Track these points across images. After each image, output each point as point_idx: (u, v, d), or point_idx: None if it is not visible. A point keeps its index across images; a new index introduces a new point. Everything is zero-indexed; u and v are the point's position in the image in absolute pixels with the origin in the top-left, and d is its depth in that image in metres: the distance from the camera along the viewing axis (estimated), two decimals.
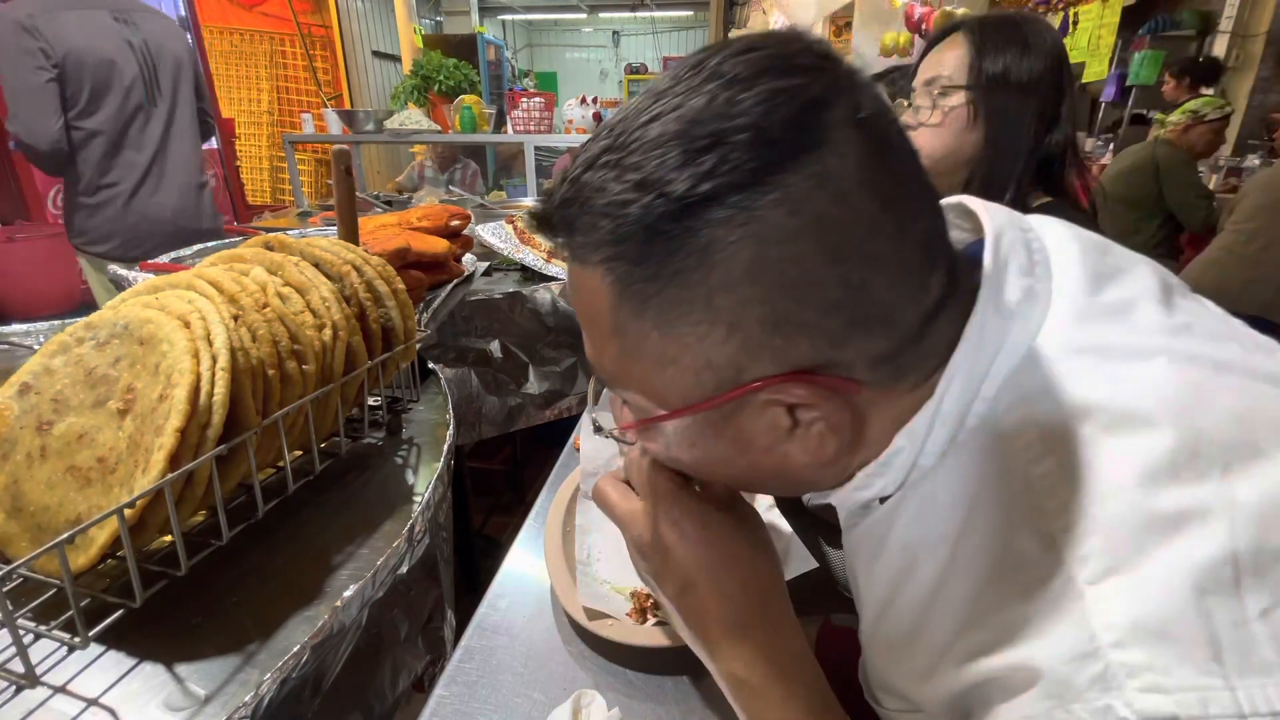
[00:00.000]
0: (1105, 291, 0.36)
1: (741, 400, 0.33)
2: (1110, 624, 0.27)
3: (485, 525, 2.11)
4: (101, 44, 1.72)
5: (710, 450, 0.38)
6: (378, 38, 5.69)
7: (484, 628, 0.59)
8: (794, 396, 0.33)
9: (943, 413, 0.34)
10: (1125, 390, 0.32)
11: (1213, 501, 0.28)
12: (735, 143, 0.28)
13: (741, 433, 0.35)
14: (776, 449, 0.36)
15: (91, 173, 1.79)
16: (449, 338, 1.36)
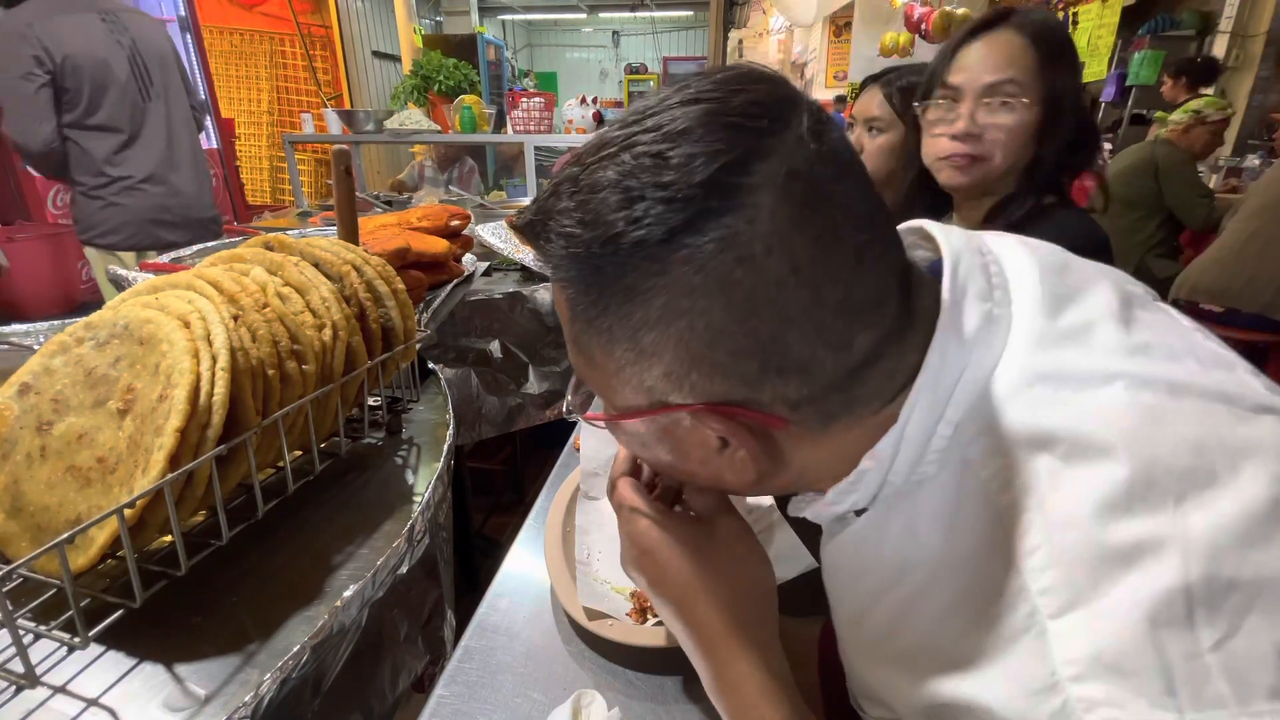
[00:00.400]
0: (1064, 314, 0.36)
1: (672, 417, 0.36)
2: (1070, 658, 0.28)
3: (485, 525, 2.11)
4: (94, 46, 1.79)
5: (659, 453, 0.40)
6: (377, 38, 5.69)
7: (484, 628, 0.59)
8: (711, 427, 0.35)
9: (907, 437, 0.35)
10: (1083, 419, 0.32)
11: (1166, 533, 0.28)
12: (656, 199, 0.30)
13: (679, 444, 0.38)
14: (709, 464, 0.38)
15: (102, 167, 1.86)
16: (449, 338, 1.36)
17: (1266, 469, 0.29)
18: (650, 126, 0.31)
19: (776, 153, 0.30)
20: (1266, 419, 0.31)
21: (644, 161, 0.31)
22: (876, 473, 0.36)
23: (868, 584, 0.39)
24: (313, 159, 4.84)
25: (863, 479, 0.37)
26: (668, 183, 0.30)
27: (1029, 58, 0.88)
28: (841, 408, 0.35)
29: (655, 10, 11.03)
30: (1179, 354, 0.35)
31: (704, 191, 0.30)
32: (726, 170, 0.30)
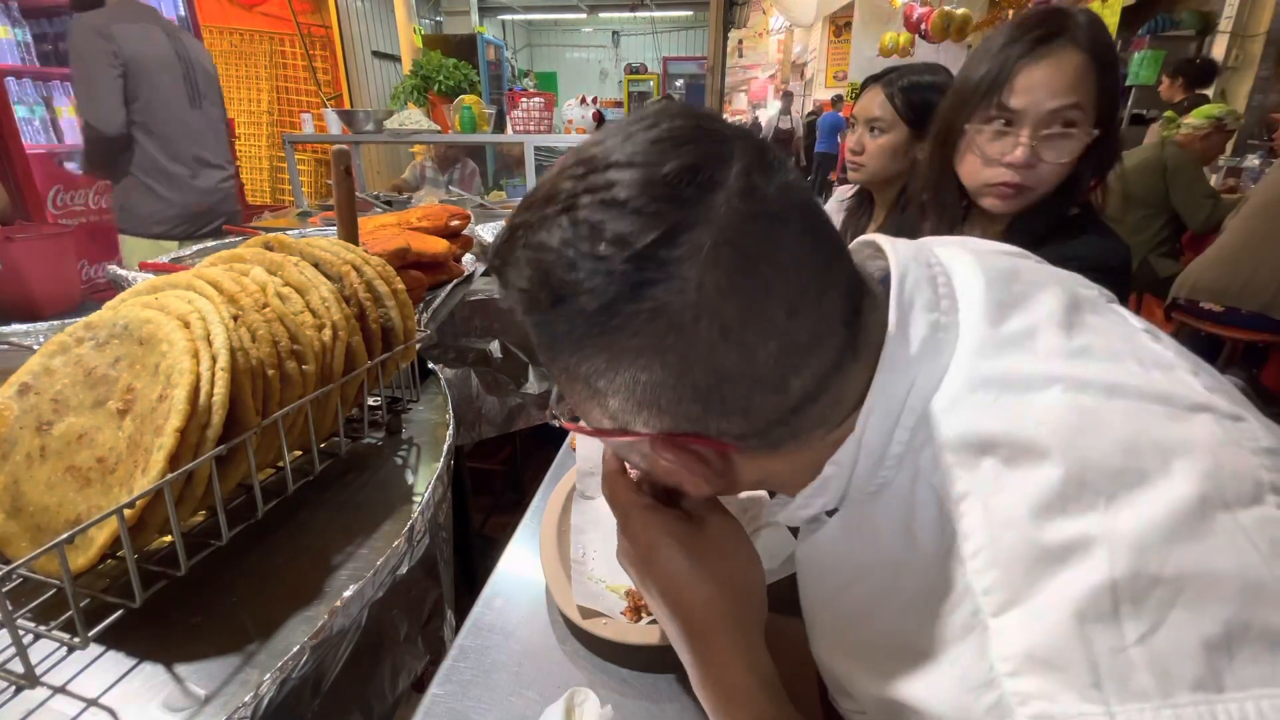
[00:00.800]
0: (1008, 321, 0.37)
1: (631, 441, 0.38)
2: (1006, 654, 0.29)
3: (485, 525, 2.12)
4: (157, 52, 2.02)
5: (635, 460, 0.44)
6: (377, 38, 5.69)
7: (479, 627, 0.60)
8: (664, 457, 0.38)
9: (865, 445, 0.36)
10: (1022, 423, 0.33)
11: (1096, 532, 0.29)
12: (593, 270, 0.32)
13: (646, 458, 0.41)
14: (673, 475, 0.41)
15: (155, 162, 2.08)
16: (449, 338, 1.36)
17: (1196, 467, 0.30)
18: (592, 186, 0.32)
19: (703, 222, 0.31)
20: (1201, 417, 0.32)
21: (583, 230, 0.32)
22: (840, 477, 0.38)
23: (835, 581, 0.41)
24: (312, 159, 4.84)
25: (828, 484, 0.38)
26: (603, 255, 0.31)
27: (1090, 79, 0.81)
28: (787, 437, 0.37)
29: (655, 10, 11.03)
30: (1120, 355, 0.36)
31: (635, 267, 0.31)
32: (655, 245, 0.31)
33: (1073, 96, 0.80)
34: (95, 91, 1.93)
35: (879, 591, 0.37)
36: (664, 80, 8.43)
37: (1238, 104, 4.33)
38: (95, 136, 1.98)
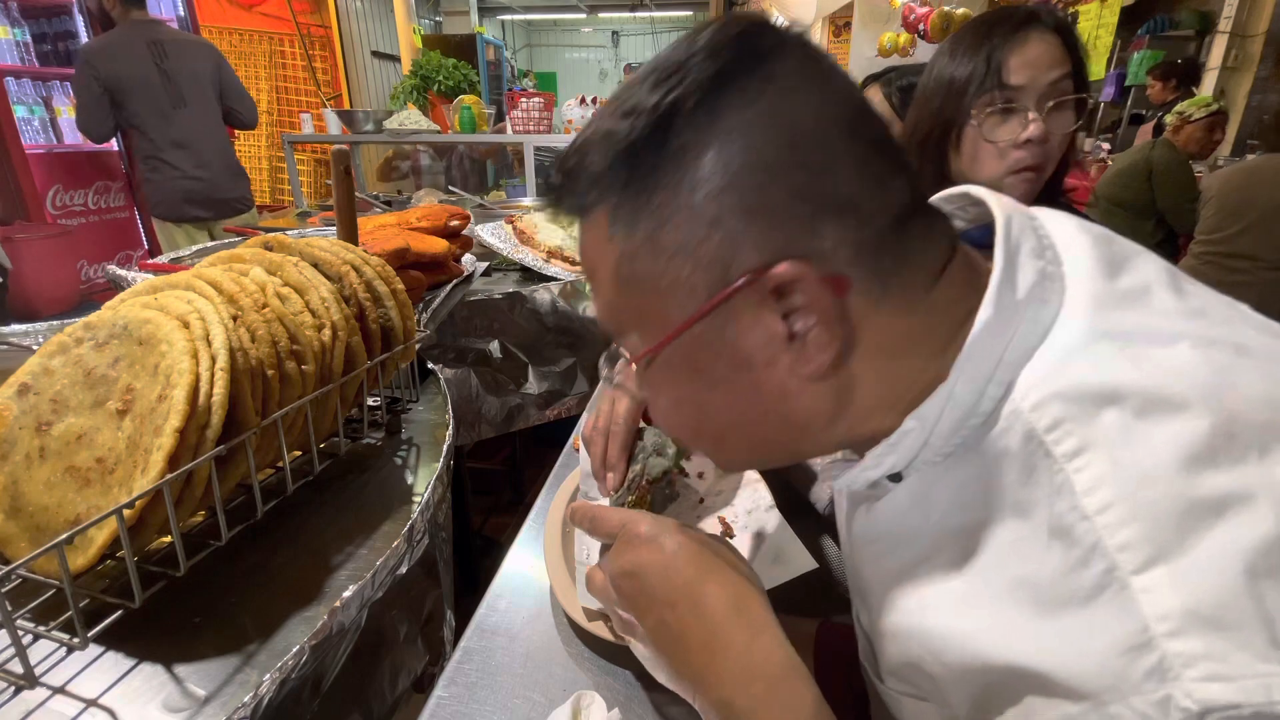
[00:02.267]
0: (1120, 278, 0.36)
1: (735, 307, 0.35)
2: (1163, 613, 0.27)
3: (485, 525, 2.11)
4: (132, 68, 2.50)
5: (714, 383, 0.38)
6: (377, 38, 5.69)
7: (483, 629, 0.59)
8: (779, 279, 0.34)
9: (955, 396, 0.34)
10: (1153, 375, 0.31)
11: (1255, 484, 0.28)
12: (694, 63, 0.33)
13: (739, 350, 0.36)
14: (776, 365, 0.36)
15: (145, 156, 2.62)
16: (448, 338, 1.36)
17: None
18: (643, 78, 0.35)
19: (788, 37, 0.35)
20: None
21: (678, 49, 0.34)
22: (919, 433, 0.35)
23: (906, 552, 0.38)
24: (312, 159, 4.84)
25: (904, 439, 0.36)
26: (704, 46, 0.34)
27: (1068, 58, 0.86)
28: (895, 265, 0.35)
29: (655, 10, 11.03)
30: (1233, 320, 0.35)
31: (742, 44, 0.34)
32: (755, 33, 0.34)
33: (1064, 67, 0.86)
34: (82, 108, 2.52)
35: (961, 558, 0.34)
36: None
37: (1237, 104, 4.34)
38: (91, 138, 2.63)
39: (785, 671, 0.39)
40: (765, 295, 0.34)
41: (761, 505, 0.68)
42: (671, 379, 0.40)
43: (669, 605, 0.42)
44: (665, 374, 0.40)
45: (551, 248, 1.54)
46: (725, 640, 0.40)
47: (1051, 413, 0.32)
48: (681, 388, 0.40)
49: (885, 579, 0.40)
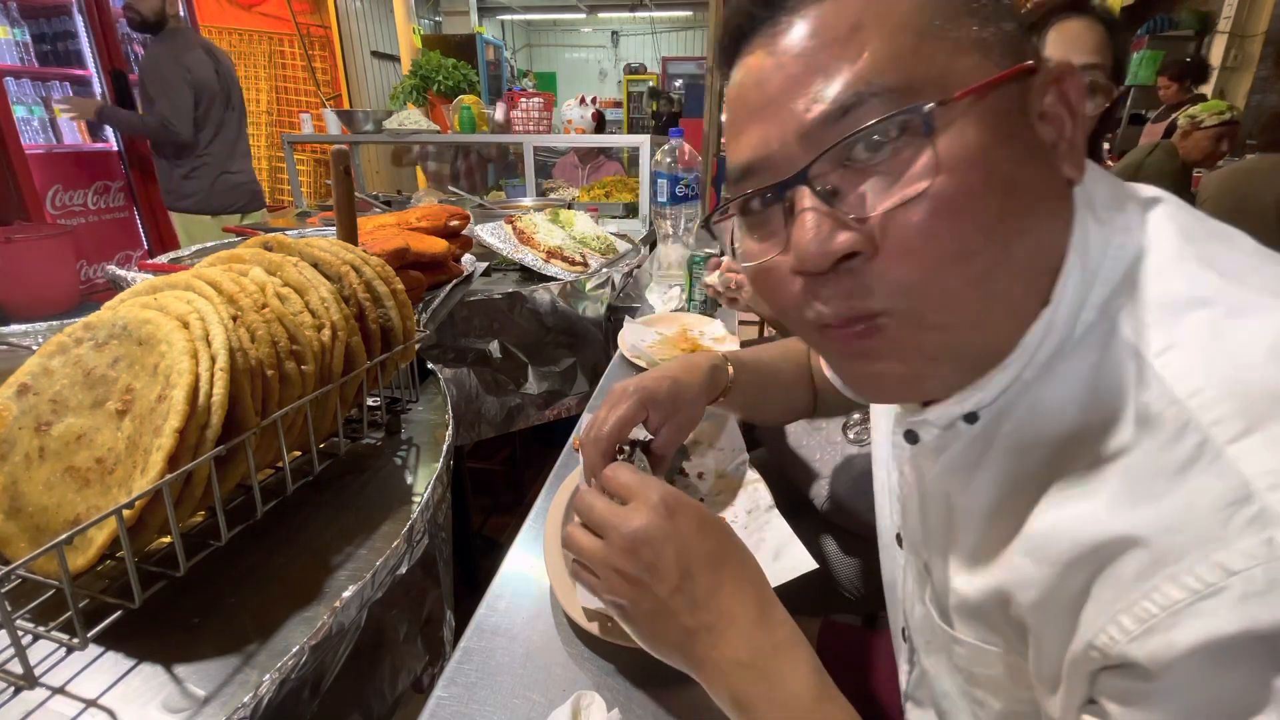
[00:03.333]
0: (1205, 220, 0.38)
1: (1027, 84, 0.35)
2: (1263, 470, 0.28)
3: (485, 526, 2.11)
4: (205, 72, 2.72)
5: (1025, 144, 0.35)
6: (377, 38, 5.69)
7: (483, 629, 0.59)
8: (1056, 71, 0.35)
9: (1054, 322, 0.36)
10: (1243, 285, 0.33)
11: None
12: None
13: (1034, 122, 0.36)
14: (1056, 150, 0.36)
15: (198, 153, 2.81)
16: (448, 338, 1.36)
17: None
18: None
19: None
20: None
21: None
22: (1015, 367, 0.37)
23: (990, 483, 0.39)
24: (312, 159, 4.83)
25: (1005, 371, 0.37)
26: None
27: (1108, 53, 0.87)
28: None
29: (654, 10, 11.03)
30: None
31: None
32: None
33: (1098, 57, 0.87)
34: (179, 109, 2.67)
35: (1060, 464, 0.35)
36: (663, 80, 8.43)
37: (1236, 104, 4.33)
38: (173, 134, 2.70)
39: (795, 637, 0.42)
40: (1048, 83, 0.35)
41: (761, 505, 0.68)
42: (989, 137, 0.34)
43: (689, 571, 0.43)
44: (980, 131, 0.33)
45: (551, 248, 1.54)
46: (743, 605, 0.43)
47: (1142, 321, 0.34)
48: (996, 150, 0.34)
49: (974, 508, 0.40)
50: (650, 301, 1.53)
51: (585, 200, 2.66)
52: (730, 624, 0.43)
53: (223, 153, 2.88)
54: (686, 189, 1.58)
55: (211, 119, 2.80)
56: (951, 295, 0.35)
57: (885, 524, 0.58)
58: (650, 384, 0.63)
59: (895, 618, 0.58)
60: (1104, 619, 0.30)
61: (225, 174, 2.89)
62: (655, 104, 6.47)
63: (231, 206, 2.95)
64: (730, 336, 1.25)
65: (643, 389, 0.62)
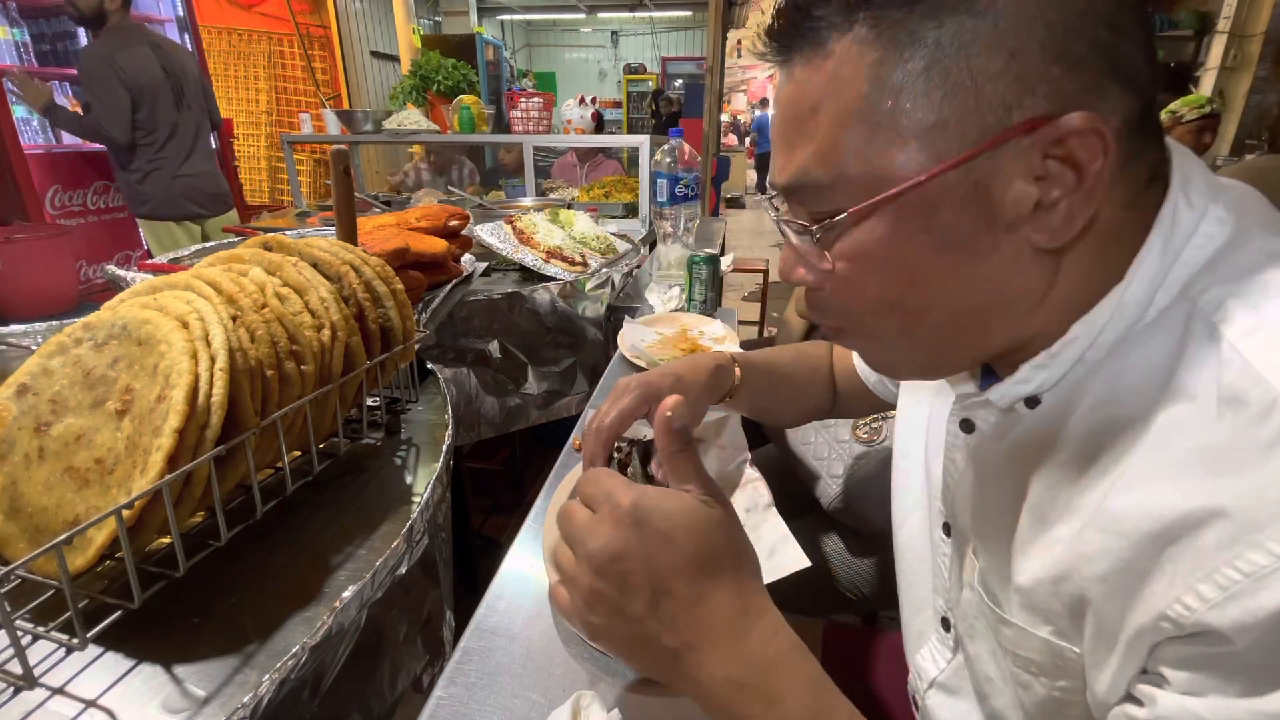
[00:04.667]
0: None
1: (1001, 157, 0.34)
2: None
3: (484, 526, 2.11)
4: (148, 71, 2.55)
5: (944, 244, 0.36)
6: (376, 38, 5.68)
7: (483, 629, 0.59)
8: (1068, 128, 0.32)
9: (1126, 301, 0.35)
10: None
11: None
12: None
13: (990, 206, 0.35)
14: (1017, 231, 0.35)
15: (149, 157, 2.66)
16: (448, 338, 1.36)
17: None
18: None
19: None
20: None
21: None
22: (1080, 344, 0.37)
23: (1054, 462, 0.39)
24: (311, 159, 4.83)
25: (1064, 351, 0.37)
26: None
27: None
28: (1139, 152, 0.35)
29: (654, 10, 11.03)
30: None
31: None
32: None
33: None
34: (110, 108, 2.48)
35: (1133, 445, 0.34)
36: (663, 80, 8.44)
37: (1236, 104, 4.34)
38: (110, 141, 2.56)
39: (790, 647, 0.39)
40: (1043, 145, 0.33)
41: (760, 504, 0.68)
42: (892, 235, 0.37)
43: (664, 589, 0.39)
44: (885, 229, 0.37)
45: (551, 248, 1.54)
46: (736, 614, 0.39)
47: (1224, 300, 0.34)
48: (900, 246, 0.37)
49: (1041, 490, 0.40)
50: (650, 301, 1.53)
51: (585, 200, 2.66)
52: (715, 640, 0.39)
53: (177, 155, 2.72)
54: (686, 189, 1.58)
55: (161, 120, 2.63)
56: (885, 336, 0.42)
57: (913, 517, 0.58)
58: (654, 379, 0.63)
59: (919, 611, 0.57)
60: (1178, 589, 0.30)
61: (181, 176, 2.73)
62: (654, 104, 6.47)
63: (191, 211, 2.80)
64: (730, 336, 1.25)
65: (646, 384, 0.62)
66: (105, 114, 2.50)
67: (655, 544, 0.39)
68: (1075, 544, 0.36)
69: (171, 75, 2.64)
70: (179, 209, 2.77)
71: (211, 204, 2.87)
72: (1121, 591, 0.33)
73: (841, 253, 0.39)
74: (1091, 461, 0.37)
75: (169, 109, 2.64)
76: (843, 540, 1.05)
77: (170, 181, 2.70)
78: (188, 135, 2.74)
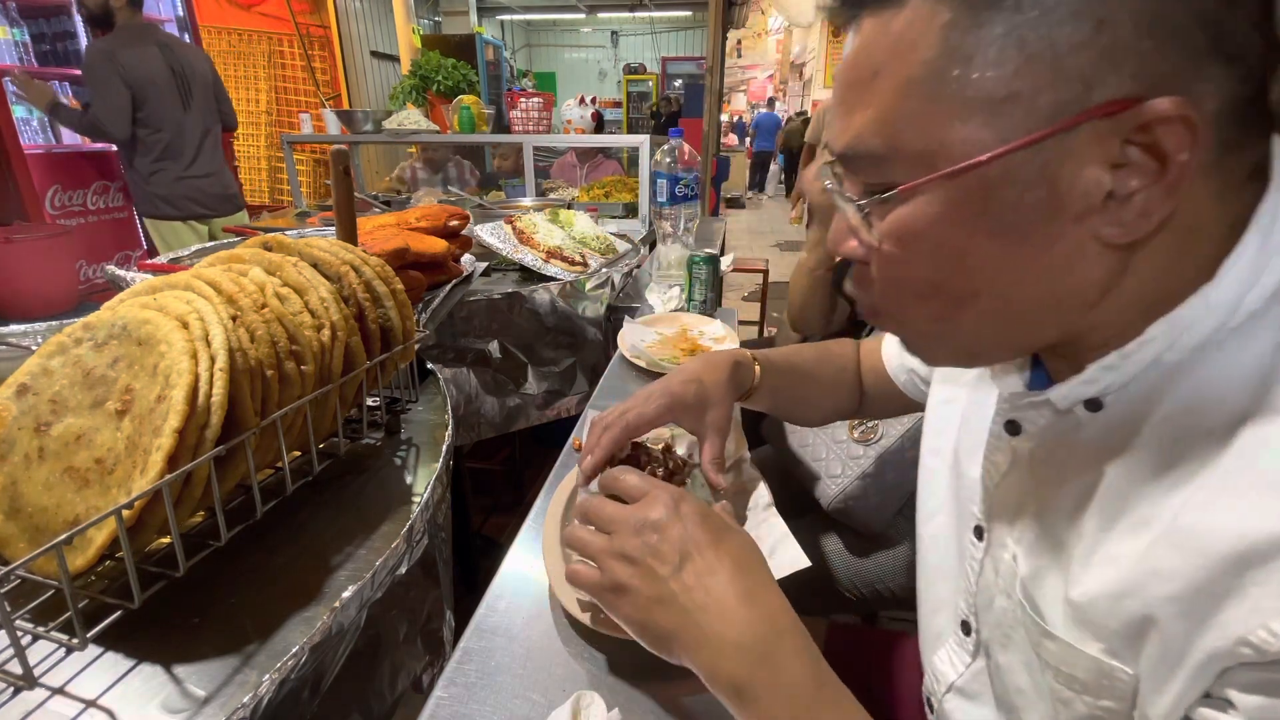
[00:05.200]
0: None
1: (1077, 139, 0.30)
2: None
3: (484, 525, 2.11)
4: (153, 70, 2.57)
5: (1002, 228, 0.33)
6: (376, 38, 5.68)
7: (483, 629, 0.59)
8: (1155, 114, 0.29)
9: (1212, 303, 0.33)
10: None
11: None
12: None
13: (1058, 192, 0.32)
14: (1084, 222, 0.32)
15: (154, 157, 2.68)
16: (448, 338, 1.36)
17: None
18: None
19: None
20: None
21: None
22: (1157, 346, 0.34)
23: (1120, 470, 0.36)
24: (311, 159, 4.83)
25: (1140, 350, 0.34)
26: None
27: None
28: (1238, 140, 0.31)
29: (654, 10, 11.03)
30: None
31: None
32: None
33: None
34: (109, 105, 2.50)
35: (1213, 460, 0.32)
36: (663, 80, 8.44)
37: None
38: (111, 138, 2.61)
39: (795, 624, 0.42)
40: (1124, 130, 0.30)
41: (760, 504, 0.68)
42: (944, 217, 0.34)
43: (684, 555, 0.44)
44: (937, 209, 0.34)
45: (551, 248, 1.54)
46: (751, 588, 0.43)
47: None
48: (951, 229, 0.35)
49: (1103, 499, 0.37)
50: (650, 301, 1.53)
51: (585, 200, 2.66)
52: (726, 606, 0.42)
53: (183, 155, 2.72)
54: (686, 189, 1.58)
55: (166, 119, 2.64)
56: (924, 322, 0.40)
57: (938, 517, 0.56)
58: (676, 388, 0.64)
59: (937, 611, 0.56)
60: (1264, 614, 0.28)
61: (186, 177, 2.74)
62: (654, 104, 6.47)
63: (196, 211, 2.80)
64: (730, 336, 1.25)
65: (670, 393, 0.63)
66: (104, 110, 2.51)
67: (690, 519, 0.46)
68: (1144, 560, 0.34)
69: (178, 75, 2.64)
70: (184, 209, 2.78)
71: (218, 205, 2.87)
72: (1194, 613, 0.31)
73: (889, 230, 0.37)
74: (1164, 474, 0.34)
75: (173, 108, 2.65)
76: (842, 540, 1.05)
77: (175, 182, 2.71)
78: (194, 136, 2.75)
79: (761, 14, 11.74)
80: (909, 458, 0.98)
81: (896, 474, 0.98)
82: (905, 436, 0.98)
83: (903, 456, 0.98)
